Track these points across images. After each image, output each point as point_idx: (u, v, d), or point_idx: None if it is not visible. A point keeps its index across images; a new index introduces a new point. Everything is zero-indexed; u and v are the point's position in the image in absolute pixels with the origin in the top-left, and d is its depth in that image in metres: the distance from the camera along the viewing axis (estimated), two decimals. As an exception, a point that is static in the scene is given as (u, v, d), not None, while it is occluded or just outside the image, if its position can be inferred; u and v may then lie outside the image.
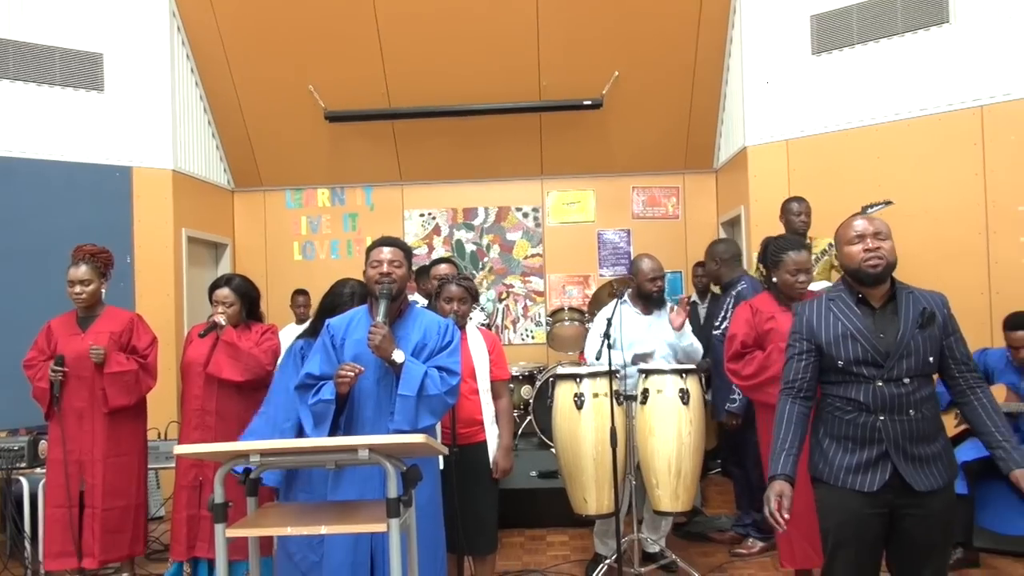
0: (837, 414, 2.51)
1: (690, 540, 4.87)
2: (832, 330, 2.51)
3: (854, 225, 2.54)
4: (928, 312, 2.49)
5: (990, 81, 5.00)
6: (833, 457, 2.50)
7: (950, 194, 5.11)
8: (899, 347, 2.44)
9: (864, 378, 2.45)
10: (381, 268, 2.93)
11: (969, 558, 4.26)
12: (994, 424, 2.47)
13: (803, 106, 5.78)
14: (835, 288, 2.62)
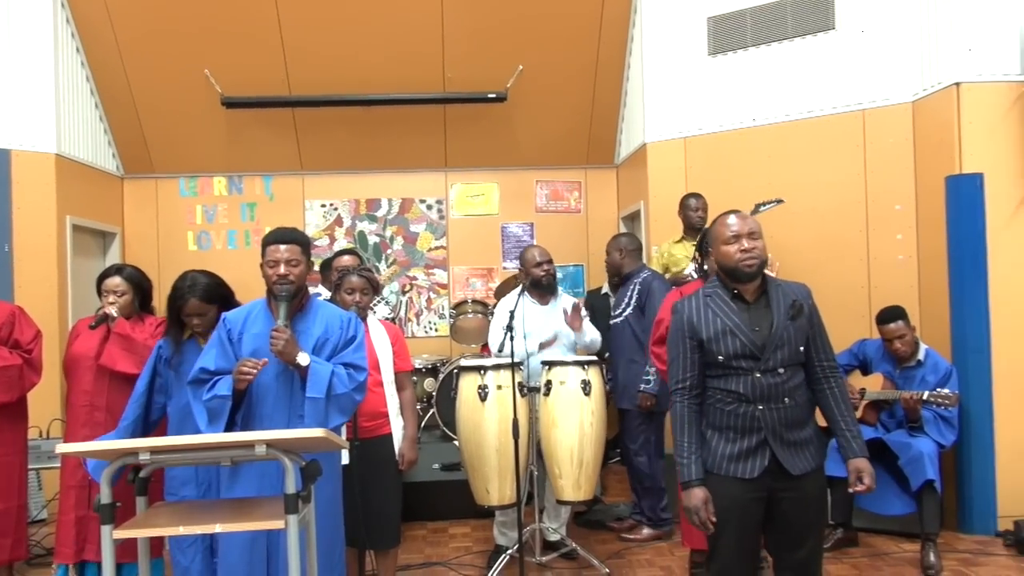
0: (719, 406, 2.61)
1: (589, 528, 4.97)
2: (712, 326, 2.60)
3: (729, 225, 2.62)
4: (798, 304, 2.62)
5: (871, 86, 5.28)
6: (716, 447, 2.60)
7: (834, 193, 5.37)
8: (774, 339, 2.56)
9: (743, 370, 2.56)
10: (278, 269, 2.84)
11: (848, 537, 4.51)
12: (841, 414, 2.65)
13: (700, 105, 5.96)
14: (710, 285, 2.70)
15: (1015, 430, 4.62)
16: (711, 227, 2.74)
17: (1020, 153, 4.70)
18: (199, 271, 3.30)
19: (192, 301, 3.18)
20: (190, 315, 3.21)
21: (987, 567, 4.14)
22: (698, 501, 2.53)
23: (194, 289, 3.20)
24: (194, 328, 3.25)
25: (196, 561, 3.16)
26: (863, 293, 5.26)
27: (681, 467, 2.60)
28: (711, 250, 2.72)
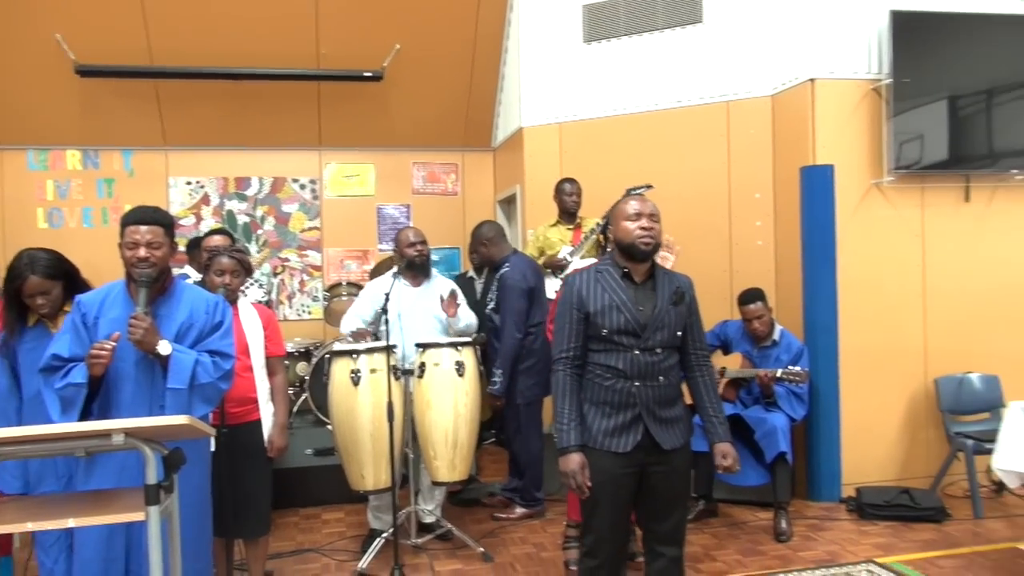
0: (598, 381, 2.71)
1: (464, 507, 5.02)
2: (600, 300, 2.70)
3: (633, 204, 2.75)
4: (680, 291, 2.78)
5: (735, 79, 5.52)
6: (593, 422, 2.70)
7: (700, 181, 5.59)
8: (655, 320, 2.69)
9: (624, 347, 2.67)
10: (138, 252, 2.67)
11: (710, 509, 4.76)
12: (710, 401, 2.83)
13: (575, 91, 6.06)
14: (603, 263, 2.82)
15: (858, 405, 4.99)
16: (614, 206, 2.85)
17: (867, 147, 5.04)
18: (36, 248, 3.08)
19: (32, 279, 2.96)
20: (32, 295, 2.99)
21: (832, 531, 4.46)
22: (575, 465, 2.63)
23: (33, 266, 2.97)
24: (39, 310, 3.02)
25: (60, 561, 2.98)
26: (726, 276, 5.52)
27: (560, 433, 2.68)
28: (611, 227, 2.82)
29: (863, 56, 5.04)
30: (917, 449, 5.12)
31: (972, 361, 5.09)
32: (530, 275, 4.71)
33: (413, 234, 4.43)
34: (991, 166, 5.11)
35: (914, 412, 5.12)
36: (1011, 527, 4.45)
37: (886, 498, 4.64)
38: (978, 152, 5.11)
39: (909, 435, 5.12)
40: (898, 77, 4.89)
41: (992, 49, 5.03)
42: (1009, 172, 5.14)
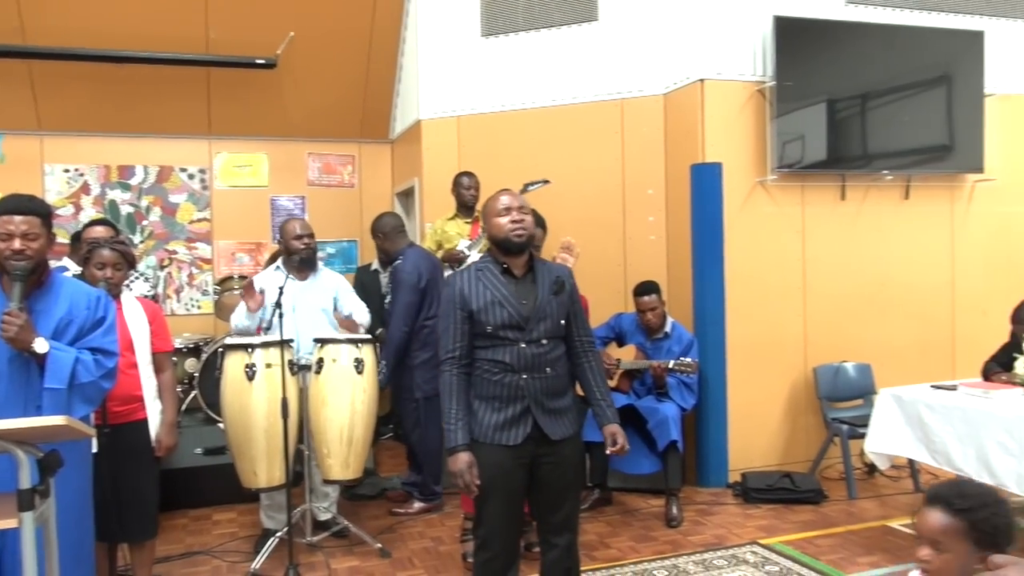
0: (486, 376, 2.73)
1: (361, 502, 4.97)
2: (482, 298, 2.73)
3: (501, 200, 2.80)
4: (560, 281, 2.83)
5: (629, 77, 5.65)
6: (483, 417, 2.72)
7: (596, 176, 5.70)
8: (538, 312, 2.74)
9: (509, 341, 2.71)
10: (12, 244, 2.52)
11: (604, 497, 4.87)
12: (597, 385, 2.90)
13: (474, 85, 6.07)
14: (482, 260, 2.85)
15: (744, 394, 5.21)
16: (484, 205, 2.88)
17: (752, 146, 5.25)
18: None
19: None
20: None
21: (719, 515, 4.65)
22: (463, 465, 2.64)
23: None
24: None
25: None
26: (620, 270, 5.65)
27: (448, 433, 2.69)
28: (484, 225, 2.85)
29: (749, 59, 5.25)
30: (797, 435, 5.39)
31: (847, 351, 5.40)
32: (424, 268, 4.70)
33: (300, 226, 4.35)
34: (865, 167, 5.42)
35: (795, 400, 5.38)
36: (882, 506, 4.75)
37: (769, 482, 4.86)
38: (853, 153, 5.41)
39: (790, 422, 5.38)
40: (781, 80, 5.12)
41: (866, 56, 5.33)
42: (881, 173, 5.47)
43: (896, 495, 4.93)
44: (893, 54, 5.39)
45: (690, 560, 3.93)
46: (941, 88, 5.55)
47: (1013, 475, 3.51)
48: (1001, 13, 5.78)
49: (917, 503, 4.66)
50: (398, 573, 3.90)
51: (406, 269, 4.67)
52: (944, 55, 5.52)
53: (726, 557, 3.97)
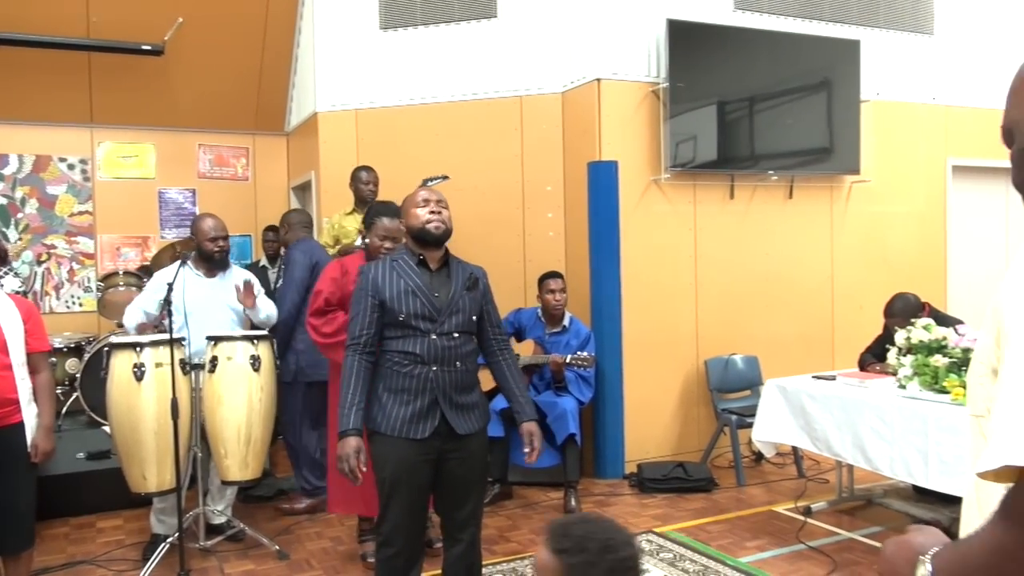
0: (395, 368, 2.72)
1: (258, 504, 4.85)
2: (395, 287, 2.73)
3: (421, 193, 2.83)
4: (473, 277, 2.87)
5: (528, 74, 5.70)
6: (390, 410, 2.71)
7: (496, 173, 5.73)
8: (450, 304, 2.75)
9: (421, 331, 2.71)
10: None
11: (505, 492, 4.91)
12: (514, 382, 2.94)
13: (372, 78, 5.99)
14: (398, 252, 2.86)
15: (640, 387, 5.35)
16: (406, 197, 2.89)
17: (647, 145, 5.39)
18: None
19: None
20: None
21: (616, 506, 4.76)
22: (351, 449, 2.61)
23: None
24: None
25: None
26: (519, 266, 5.70)
27: (341, 416, 2.67)
28: (403, 218, 2.86)
29: (643, 60, 5.38)
30: (690, 426, 5.58)
31: (736, 344, 5.62)
32: (317, 254, 4.75)
33: (214, 227, 4.21)
34: (752, 167, 5.65)
35: (687, 392, 5.57)
36: (768, 492, 4.97)
37: (663, 472, 5.02)
38: (741, 154, 5.63)
39: (683, 413, 5.56)
40: (674, 81, 5.27)
41: (754, 61, 5.55)
42: (767, 173, 5.71)
43: (781, 481, 5.17)
44: (778, 59, 5.64)
45: (588, 550, 4.01)
46: (821, 93, 5.84)
47: (885, 459, 3.74)
48: (875, 24, 6.13)
49: (801, 488, 4.90)
50: (295, 575, 3.83)
51: (298, 248, 4.77)
52: (824, 62, 5.81)
53: (623, 546, 4.06)
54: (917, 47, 6.31)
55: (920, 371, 3.88)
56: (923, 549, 0.91)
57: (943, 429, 3.47)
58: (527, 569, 3.79)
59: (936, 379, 3.80)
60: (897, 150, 6.23)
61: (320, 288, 3.80)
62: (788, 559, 3.88)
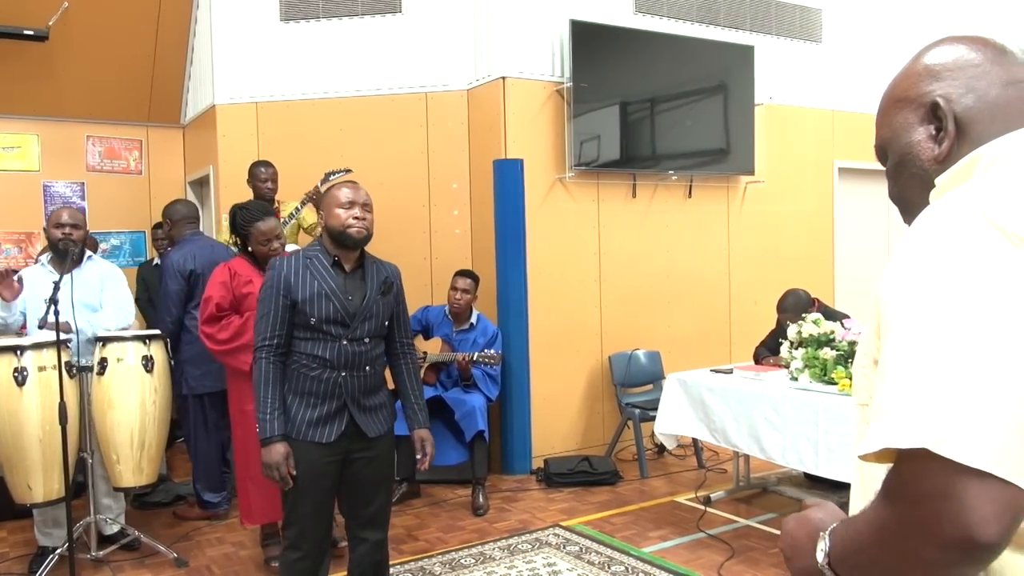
0: (303, 371, 2.66)
1: (154, 510, 4.67)
2: (308, 288, 2.64)
3: (345, 192, 2.71)
4: (389, 281, 2.80)
5: (433, 71, 5.68)
6: (297, 413, 2.65)
7: (401, 169, 5.69)
8: (364, 310, 2.70)
9: (332, 336, 2.65)
10: None
11: (413, 490, 4.89)
12: (412, 389, 2.92)
13: (273, 70, 5.84)
14: (312, 248, 2.75)
15: (546, 383, 5.42)
16: (327, 192, 2.79)
17: (552, 144, 5.46)
18: None
19: None
20: None
21: (524, 501, 4.81)
22: (279, 456, 2.56)
23: None
24: None
25: None
26: (426, 263, 5.68)
27: (262, 424, 2.60)
28: (323, 213, 2.75)
29: (547, 59, 5.44)
30: (595, 420, 5.68)
31: (639, 339, 5.76)
32: (199, 258, 4.43)
33: (67, 215, 3.85)
34: (653, 167, 5.80)
35: (593, 386, 5.67)
36: (670, 483, 5.12)
37: (569, 467, 5.09)
38: (643, 154, 5.77)
39: (588, 408, 5.66)
40: (577, 81, 5.35)
41: (654, 63, 5.70)
42: (667, 173, 5.87)
43: (682, 472, 5.33)
44: (677, 62, 5.80)
45: (496, 546, 4.04)
46: (719, 96, 6.04)
47: (779, 448, 3.91)
48: (768, 31, 6.38)
49: (701, 479, 5.05)
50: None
51: (174, 257, 4.48)
52: (721, 66, 6.01)
53: (530, 541, 4.11)
54: (807, 54, 6.61)
55: (810, 364, 4.07)
56: (823, 525, 0.95)
57: (831, 419, 3.65)
58: (435, 567, 3.78)
59: (825, 371, 4.00)
60: (788, 152, 6.50)
61: (210, 294, 3.67)
62: (689, 547, 4.01)
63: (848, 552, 0.90)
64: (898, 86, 1.10)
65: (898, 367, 0.82)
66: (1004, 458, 0.75)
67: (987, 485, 0.74)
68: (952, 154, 1.01)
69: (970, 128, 1.01)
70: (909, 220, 1.11)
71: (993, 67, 1.02)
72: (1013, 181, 0.89)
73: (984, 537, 0.74)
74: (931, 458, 0.76)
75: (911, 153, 1.06)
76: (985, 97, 1.01)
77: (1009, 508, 0.75)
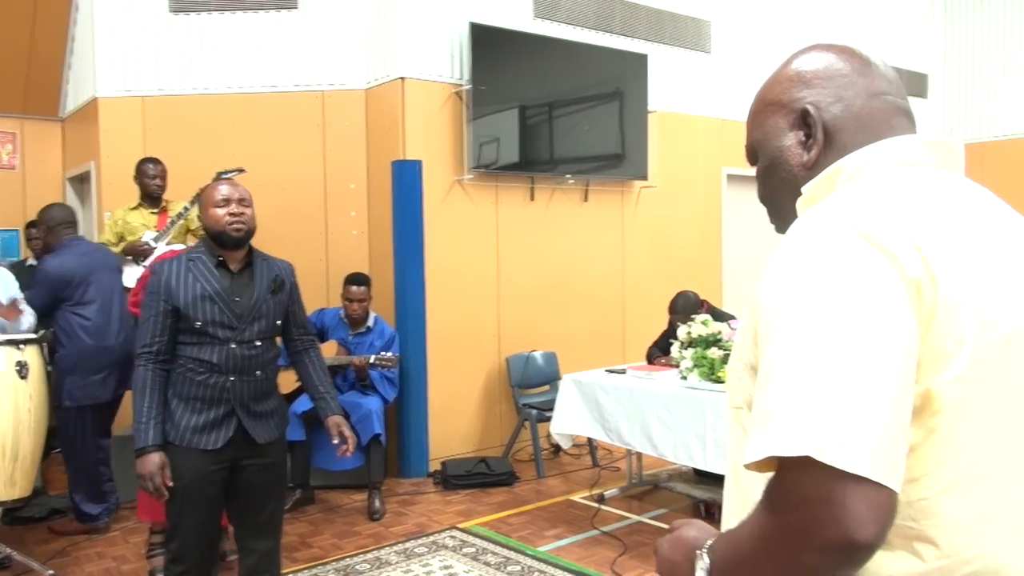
0: (189, 375, 2.57)
1: (28, 525, 4.41)
2: (191, 291, 2.55)
3: (220, 190, 2.63)
4: (279, 279, 2.73)
5: (330, 69, 5.59)
6: (181, 419, 2.56)
7: (296, 168, 5.57)
8: (253, 311, 2.62)
9: (219, 340, 2.56)
10: None
11: (306, 496, 4.79)
12: (319, 380, 2.87)
13: (161, 63, 5.61)
14: (195, 250, 2.66)
15: (443, 385, 5.41)
16: (203, 192, 2.70)
17: (451, 146, 5.46)
18: None
19: None
20: None
21: (421, 504, 4.79)
22: (153, 467, 2.47)
23: None
24: None
25: None
26: (322, 265, 5.58)
27: (137, 432, 2.50)
28: (201, 214, 2.68)
29: (447, 61, 5.44)
30: (492, 421, 5.71)
31: (536, 340, 5.82)
32: (78, 266, 4.22)
33: None
34: (551, 171, 5.88)
35: (490, 388, 5.70)
36: (566, 482, 5.19)
37: (467, 468, 5.10)
38: (541, 158, 5.84)
39: (486, 409, 5.69)
40: (476, 84, 5.37)
41: (553, 68, 5.77)
42: (564, 177, 5.96)
43: (578, 471, 5.42)
44: (575, 68, 5.90)
45: (392, 551, 4.01)
46: (614, 103, 6.18)
47: (669, 445, 4.03)
48: (661, 40, 6.56)
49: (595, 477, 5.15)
50: (73, 600, 3.53)
51: (49, 264, 4.22)
52: (616, 73, 6.15)
53: (427, 544, 4.10)
54: (697, 64, 6.83)
55: (699, 363, 4.22)
56: (698, 543, 0.95)
57: (719, 415, 3.79)
58: (330, 574, 3.72)
59: (713, 370, 4.15)
60: (680, 159, 6.71)
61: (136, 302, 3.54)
62: (583, 545, 4.08)
63: (730, 566, 0.91)
64: (770, 90, 1.12)
65: (778, 378, 0.84)
66: (877, 463, 0.79)
67: (864, 489, 0.78)
68: (820, 161, 1.05)
69: (837, 137, 1.04)
70: (776, 222, 1.16)
71: (859, 78, 1.05)
72: (877, 193, 0.94)
73: (863, 538, 0.78)
74: (813, 465, 0.79)
75: (781, 157, 1.09)
76: (851, 107, 1.04)
77: (883, 509, 0.79)
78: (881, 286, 0.85)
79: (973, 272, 0.89)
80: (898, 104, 1.06)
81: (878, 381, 0.81)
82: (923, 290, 0.86)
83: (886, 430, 0.80)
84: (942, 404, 0.86)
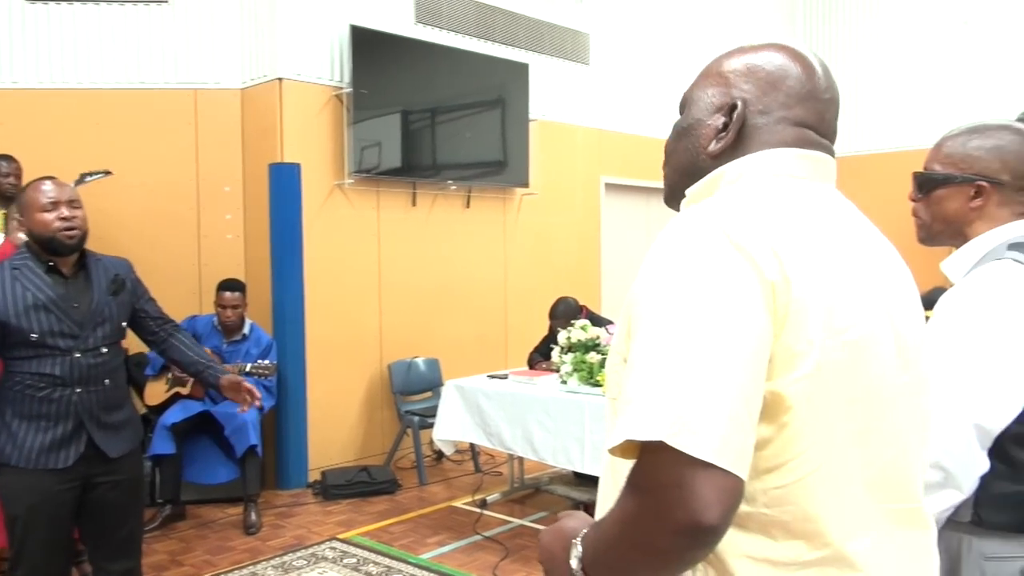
0: (29, 392, 2.40)
1: None
2: (21, 302, 2.38)
3: (45, 191, 2.44)
4: (119, 279, 2.58)
5: (204, 67, 5.38)
6: (25, 439, 2.39)
7: (166, 168, 5.32)
8: (94, 316, 2.47)
9: (60, 351, 2.40)
10: None
11: (177, 512, 4.58)
12: (196, 353, 2.77)
13: (16, 55, 5.24)
14: (20, 256, 2.48)
15: (323, 392, 5.30)
16: (23, 194, 2.51)
17: (331, 149, 5.36)
18: None
19: None
20: None
21: (299, 516, 4.67)
22: None
23: None
24: None
25: None
26: (195, 270, 5.35)
27: None
28: (22, 219, 2.47)
29: (327, 63, 5.34)
30: (374, 429, 5.64)
31: (418, 346, 5.79)
32: None
33: None
34: (433, 177, 5.87)
35: (372, 395, 5.63)
36: (448, 488, 5.19)
37: (347, 478, 5.01)
38: (424, 163, 5.82)
39: (367, 417, 5.61)
40: (357, 87, 5.30)
41: (435, 74, 5.77)
42: (447, 183, 5.96)
43: (460, 477, 5.42)
44: (457, 75, 5.92)
45: (269, 565, 3.89)
46: (496, 110, 6.23)
47: (549, 449, 4.09)
48: (541, 50, 6.68)
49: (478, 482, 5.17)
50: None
51: None
52: (498, 81, 6.21)
53: (305, 557, 4.00)
54: (577, 75, 6.99)
55: (578, 367, 4.31)
56: (574, 533, 0.99)
57: (597, 419, 3.88)
58: (202, 592, 3.57)
59: (591, 374, 4.25)
60: (560, 167, 6.84)
61: None
62: (466, 551, 4.09)
63: (599, 553, 0.94)
64: (730, 63, 1.12)
65: (640, 366, 0.89)
66: (725, 450, 0.83)
67: (711, 474, 0.83)
68: (722, 156, 1.08)
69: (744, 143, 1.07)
70: (667, 198, 1.19)
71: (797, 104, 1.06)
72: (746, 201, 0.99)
73: (708, 520, 0.82)
74: (666, 450, 0.83)
75: (698, 130, 1.11)
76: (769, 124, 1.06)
77: (729, 494, 0.84)
78: (739, 286, 0.90)
79: (824, 277, 0.94)
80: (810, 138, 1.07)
81: (728, 374, 0.86)
82: (778, 291, 0.91)
83: (734, 420, 0.85)
84: (792, 401, 0.91)
